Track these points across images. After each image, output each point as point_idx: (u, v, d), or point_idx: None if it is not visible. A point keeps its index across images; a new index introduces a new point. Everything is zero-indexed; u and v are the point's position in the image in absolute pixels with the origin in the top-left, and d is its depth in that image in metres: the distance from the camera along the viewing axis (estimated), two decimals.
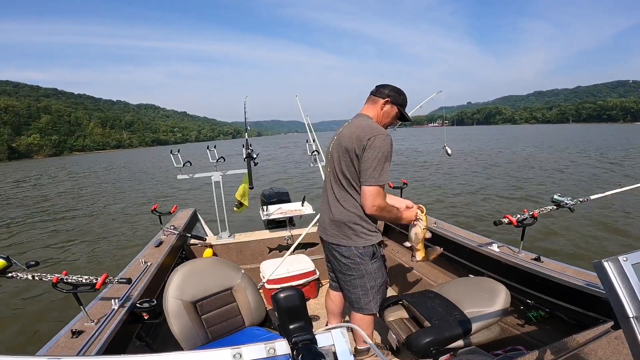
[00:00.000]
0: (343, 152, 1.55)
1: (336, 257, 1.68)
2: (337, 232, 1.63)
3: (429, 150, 22.74)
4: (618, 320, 0.54)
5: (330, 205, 1.64)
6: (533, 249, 1.82)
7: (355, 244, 1.60)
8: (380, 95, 1.63)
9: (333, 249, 1.67)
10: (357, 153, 1.50)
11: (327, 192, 1.69)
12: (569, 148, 21.30)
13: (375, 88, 1.66)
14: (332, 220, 1.63)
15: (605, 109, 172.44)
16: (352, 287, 1.69)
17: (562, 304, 1.53)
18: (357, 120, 1.62)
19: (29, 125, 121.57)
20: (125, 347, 1.47)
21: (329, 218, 1.65)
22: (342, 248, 1.63)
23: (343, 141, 1.56)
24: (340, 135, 1.61)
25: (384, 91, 1.62)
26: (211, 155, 3.14)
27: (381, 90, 1.63)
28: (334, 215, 1.62)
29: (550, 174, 11.60)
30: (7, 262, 1.24)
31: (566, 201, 1.77)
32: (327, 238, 1.69)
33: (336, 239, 1.63)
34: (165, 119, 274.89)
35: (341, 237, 1.62)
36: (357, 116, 1.65)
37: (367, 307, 1.69)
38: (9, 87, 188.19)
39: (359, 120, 1.61)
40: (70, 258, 5.78)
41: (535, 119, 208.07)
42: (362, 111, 1.66)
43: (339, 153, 1.58)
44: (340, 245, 1.63)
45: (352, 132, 1.54)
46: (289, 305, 0.83)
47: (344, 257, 1.64)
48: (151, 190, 13.20)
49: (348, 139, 1.53)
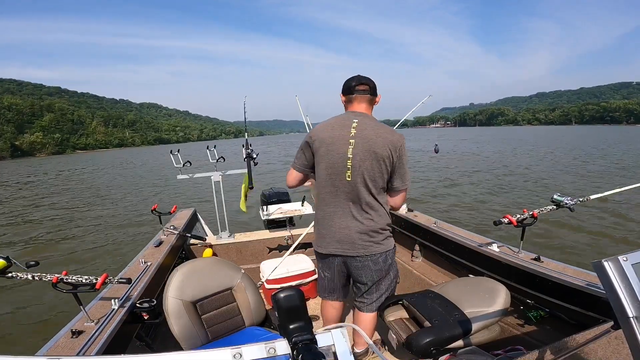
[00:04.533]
0: (377, 158, 1.45)
1: (369, 267, 1.58)
2: (370, 242, 1.55)
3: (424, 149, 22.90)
4: (618, 320, 0.55)
5: (357, 215, 1.52)
6: (533, 249, 1.82)
7: (389, 247, 1.61)
8: (375, 94, 1.58)
9: (364, 260, 1.57)
10: (392, 159, 1.47)
11: (348, 202, 1.52)
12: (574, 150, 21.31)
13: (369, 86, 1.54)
14: (363, 232, 1.53)
15: (609, 110, 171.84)
16: (382, 290, 1.68)
17: (562, 303, 1.53)
18: (372, 122, 1.52)
19: (32, 123, 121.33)
20: (125, 347, 1.47)
21: (358, 230, 1.53)
22: (377, 256, 1.58)
23: (374, 147, 1.44)
24: (365, 140, 1.46)
25: (375, 88, 1.57)
26: (211, 155, 3.14)
27: (375, 88, 1.57)
28: (367, 225, 1.52)
29: (551, 174, 11.61)
30: (7, 262, 1.24)
31: (566, 201, 1.77)
32: (355, 252, 1.55)
33: (369, 250, 1.55)
34: (168, 118, 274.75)
35: (375, 246, 1.56)
36: (366, 116, 1.53)
37: (382, 305, 1.73)
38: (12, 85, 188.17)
39: (375, 122, 1.53)
40: (70, 258, 5.78)
41: (538, 121, 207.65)
42: (363, 110, 1.56)
43: (370, 160, 1.45)
44: (375, 255, 1.57)
45: (383, 138, 1.46)
46: (289, 305, 0.83)
47: (380, 263, 1.60)
48: (151, 190, 13.20)
49: (381, 145, 1.44)
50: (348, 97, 1.57)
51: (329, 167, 1.50)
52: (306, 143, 1.56)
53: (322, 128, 1.53)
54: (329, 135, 1.49)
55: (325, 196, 1.56)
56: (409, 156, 1.57)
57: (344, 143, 1.47)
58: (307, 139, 1.55)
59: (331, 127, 1.51)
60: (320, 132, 1.51)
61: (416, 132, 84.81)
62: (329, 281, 1.73)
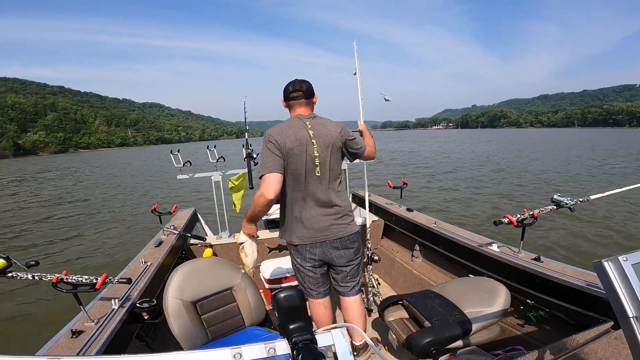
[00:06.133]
0: (334, 150, 1.65)
1: (347, 247, 1.72)
2: (343, 225, 1.70)
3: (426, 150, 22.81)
4: (618, 320, 0.55)
5: (327, 204, 1.67)
6: (533, 249, 1.82)
7: (357, 229, 1.77)
8: (311, 96, 1.71)
9: (344, 241, 1.71)
10: (345, 143, 1.71)
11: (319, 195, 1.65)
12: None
13: (302, 91, 1.67)
14: (337, 217, 1.69)
15: (612, 113, 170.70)
16: (360, 270, 1.82)
17: (562, 304, 1.53)
18: (319, 121, 1.68)
19: (35, 122, 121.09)
20: (125, 347, 1.47)
21: (332, 216, 1.68)
22: (352, 236, 1.73)
23: (330, 141, 1.63)
24: (323, 138, 1.63)
25: (310, 91, 1.70)
26: (211, 155, 3.14)
27: (308, 91, 1.69)
28: (337, 210, 1.69)
29: (551, 174, 11.61)
30: (7, 262, 1.24)
31: (566, 201, 1.77)
32: (335, 235, 1.68)
33: (344, 231, 1.70)
34: (170, 117, 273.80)
35: (348, 227, 1.72)
36: (313, 118, 1.68)
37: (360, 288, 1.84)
38: (16, 84, 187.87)
39: (321, 120, 1.69)
40: (70, 258, 5.79)
41: (541, 123, 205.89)
42: (305, 113, 1.69)
43: (330, 153, 1.64)
44: (350, 235, 1.72)
45: (332, 131, 1.65)
46: (289, 305, 0.83)
47: (355, 244, 1.75)
48: (151, 189, 13.21)
49: (335, 138, 1.64)
50: (288, 103, 1.72)
51: (302, 166, 1.60)
52: (274, 146, 1.57)
53: (284, 132, 1.59)
54: (296, 138, 1.59)
55: (296, 194, 1.65)
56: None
57: (310, 144, 1.60)
58: (274, 142, 1.57)
59: (293, 131, 1.60)
60: (286, 135, 1.58)
61: (415, 135, 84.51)
62: (312, 273, 1.76)
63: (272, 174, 1.53)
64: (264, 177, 1.54)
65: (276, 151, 1.56)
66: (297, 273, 1.81)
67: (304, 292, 1.79)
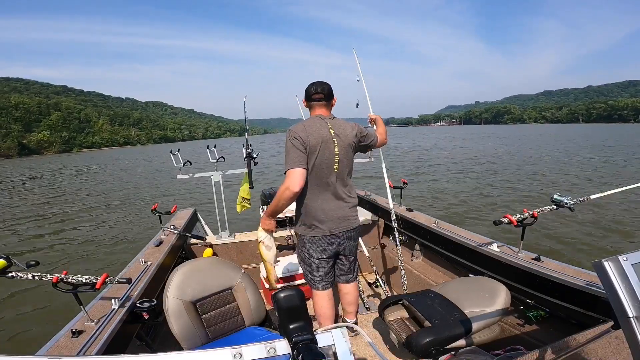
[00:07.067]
0: (351, 149, 1.79)
1: (355, 238, 1.91)
2: (355, 216, 1.87)
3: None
4: (618, 320, 0.54)
5: (344, 197, 1.80)
6: (533, 249, 1.82)
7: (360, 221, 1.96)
8: (331, 98, 1.81)
9: (352, 233, 1.86)
10: (360, 141, 1.86)
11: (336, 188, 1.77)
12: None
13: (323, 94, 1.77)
14: (351, 208, 1.84)
15: (616, 109, 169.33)
16: (356, 259, 1.98)
17: (562, 303, 1.53)
18: (339, 122, 1.79)
19: (39, 122, 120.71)
20: (125, 347, 1.47)
21: (348, 208, 1.82)
22: (359, 227, 1.92)
23: (349, 141, 1.77)
24: (342, 138, 1.75)
25: (330, 93, 1.79)
26: (211, 155, 3.14)
27: (329, 94, 1.79)
28: (351, 203, 1.84)
29: (551, 174, 11.60)
30: (7, 262, 1.24)
31: (566, 201, 1.77)
32: (351, 225, 1.83)
33: (356, 222, 1.87)
34: (173, 116, 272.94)
35: (357, 219, 1.89)
36: (333, 119, 1.79)
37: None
38: (20, 84, 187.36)
39: (341, 122, 1.80)
40: (71, 258, 5.79)
41: (545, 119, 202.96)
42: (325, 114, 1.79)
43: (347, 152, 1.77)
44: (359, 226, 1.92)
45: (350, 133, 1.79)
46: (289, 305, 0.83)
47: (359, 234, 1.96)
48: (151, 189, 13.20)
49: (352, 139, 1.79)
50: (309, 104, 1.82)
51: (323, 161, 1.69)
52: (299, 142, 1.64)
53: (308, 129, 1.67)
54: (319, 135, 1.68)
55: (317, 188, 1.73)
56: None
57: (331, 142, 1.71)
58: (298, 139, 1.64)
59: (316, 129, 1.69)
60: (310, 132, 1.66)
61: (418, 131, 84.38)
62: (325, 264, 1.84)
63: (297, 169, 1.61)
64: (289, 172, 1.62)
65: (300, 147, 1.63)
66: (307, 266, 1.87)
67: (309, 285, 1.91)
